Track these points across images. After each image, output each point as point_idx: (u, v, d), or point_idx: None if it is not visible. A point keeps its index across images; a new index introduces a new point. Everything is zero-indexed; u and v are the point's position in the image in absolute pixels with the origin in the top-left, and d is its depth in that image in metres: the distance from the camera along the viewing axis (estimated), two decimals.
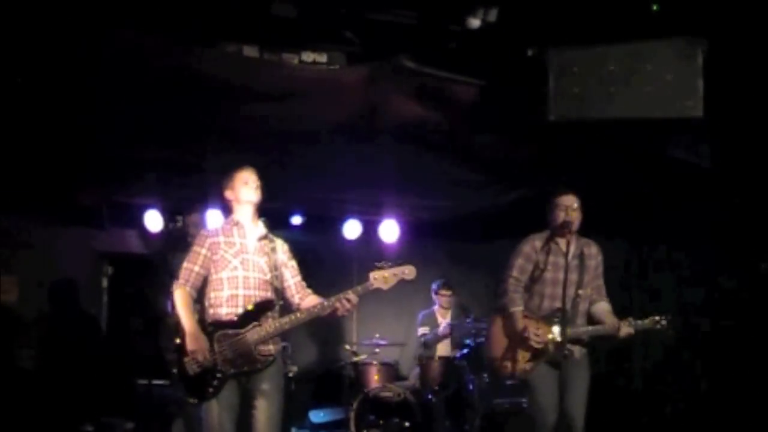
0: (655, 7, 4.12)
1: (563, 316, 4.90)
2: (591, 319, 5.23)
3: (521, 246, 5.29)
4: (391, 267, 4.63)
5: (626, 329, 5.05)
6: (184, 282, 4.64)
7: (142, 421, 7.17)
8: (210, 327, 4.55)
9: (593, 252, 5.27)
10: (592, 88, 4.25)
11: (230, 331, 4.52)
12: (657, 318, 5.10)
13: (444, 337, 8.51)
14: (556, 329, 5.05)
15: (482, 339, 8.05)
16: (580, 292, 5.09)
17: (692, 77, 4.12)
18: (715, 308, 7.33)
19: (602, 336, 5.13)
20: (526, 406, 5.54)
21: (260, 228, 4.76)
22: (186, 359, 4.49)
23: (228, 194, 4.75)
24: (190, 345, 4.47)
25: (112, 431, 7.40)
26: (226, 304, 4.58)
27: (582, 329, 5.12)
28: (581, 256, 5.15)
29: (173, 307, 4.69)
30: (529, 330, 5.08)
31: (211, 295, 4.63)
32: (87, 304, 8.91)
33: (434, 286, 8.72)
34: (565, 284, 4.92)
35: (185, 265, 4.69)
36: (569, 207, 5.09)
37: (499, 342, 5.31)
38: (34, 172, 7.03)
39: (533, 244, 5.24)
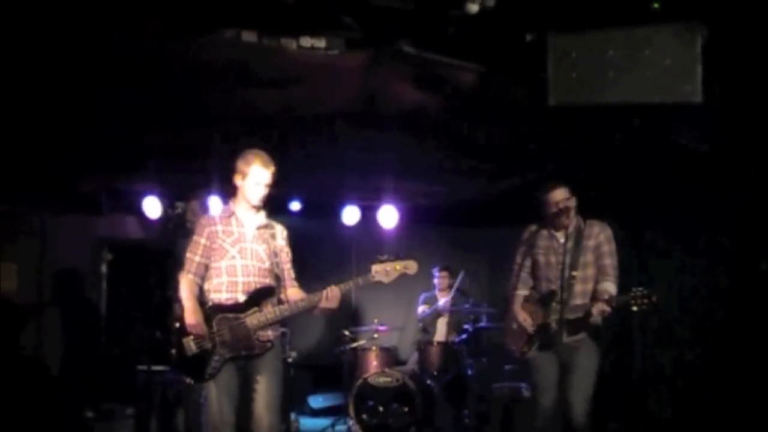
0: (656, 5, 4.11)
1: (561, 300, 4.94)
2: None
3: (521, 234, 5.42)
4: (393, 261, 4.66)
5: (599, 307, 4.96)
6: (187, 271, 4.69)
7: (142, 407, 7.20)
8: (210, 310, 4.58)
9: (594, 232, 5.23)
10: (591, 74, 4.23)
11: (230, 315, 4.56)
12: (632, 293, 4.91)
13: (443, 311, 8.51)
14: (548, 311, 5.12)
15: (481, 323, 8.12)
16: (574, 273, 5.07)
17: (691, 62, 4.11)
18: (714, 299, 7.33)
19: (585, 316, 5.05)
20: (527, 389, 5.58)
21: (260, 216, 4.77)
22: (185, 339, 4.52)
23: (237, 180, 4.70)
24: (188, 319, 4.50)
25: (112, 417, 7.42)
26: (226, 291, 4.61)
27: (567, 313, 5.02)
28: (578, 237, 5.14)
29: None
30: (523, 313, 5.22)
31: (212, 281, 4.66)
32: (86, 291, 8.94)
33: (434, 270, 8.77)
34: (563, 271, 4.97)
35: (188, 255, 4.72)
36: (560, 202, 5.09)
37: (509, 326, 5.43)
38: (33, 159, 7.02)
39: (530, 230, 5.37)
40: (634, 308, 4.91)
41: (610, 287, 5.13)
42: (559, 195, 5.12)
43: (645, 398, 7.90)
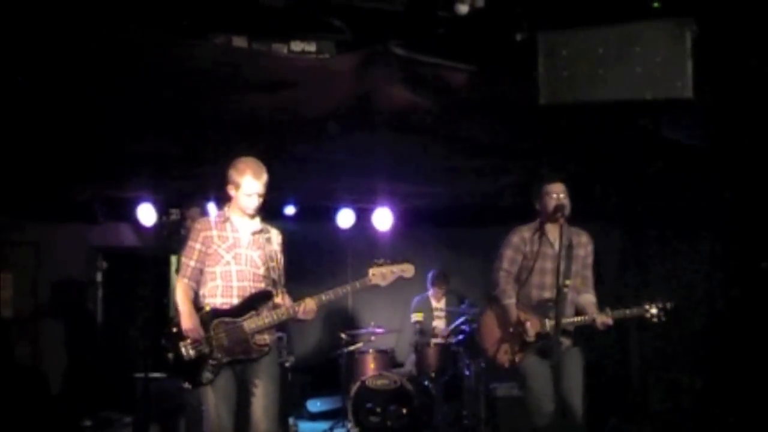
0: (656, 5, 4.12)
1: (556, 306, 4.85)
2: (576, 310, 5.20)
3: (510, 237, 5.31)
4: (390, 264, 4.68)
5: (601, 318, 4.98)
6: (182, 276, 4.70)
7: (140, 414, 7.18)
8: (206, 315, 4.58)
9: (583, 241, 5.25)
10: (582, 71, 4.23)
11: (227, 319, 4.56)
12: (647, 306, 5.00)
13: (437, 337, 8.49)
14: (545, 319, 5.07)
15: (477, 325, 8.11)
16: (567, 282, 5.02)
17: (681, 58, 4.12)
18: (713, 297, 7.33)
19: (581, 327, 5.11)
20: (522, 395, 5.52)
21: (255, 221, 4.76)
22: (182, 343, 4.52)
23: (229, 190, 4.68)
24: (185, 324, 4.52)
25: (110, 425, 7.42)
26: (221, 295, 4.62)
27: (565, 320, 5.03)
28: (569, 246, 5.08)
29: None
30: (523, 322, 5.09)
31: (207, 285, 4.66)
32: (82, 299, 8.93)
33: (430, 276, 8.75)
34: (558, 273, 4.91)
35: (183, 260, 4.74)
36: (559, 194, 5.11)
37: (490, 332, 5.34)
38: (28, 168, 7.00)
39: (522, 235, 5.26)
40: (654, 320, 5.01)
41: (592, 298, 5.20)
42: (559, 188, 5.13)
43: (644, 394, 7.91)
